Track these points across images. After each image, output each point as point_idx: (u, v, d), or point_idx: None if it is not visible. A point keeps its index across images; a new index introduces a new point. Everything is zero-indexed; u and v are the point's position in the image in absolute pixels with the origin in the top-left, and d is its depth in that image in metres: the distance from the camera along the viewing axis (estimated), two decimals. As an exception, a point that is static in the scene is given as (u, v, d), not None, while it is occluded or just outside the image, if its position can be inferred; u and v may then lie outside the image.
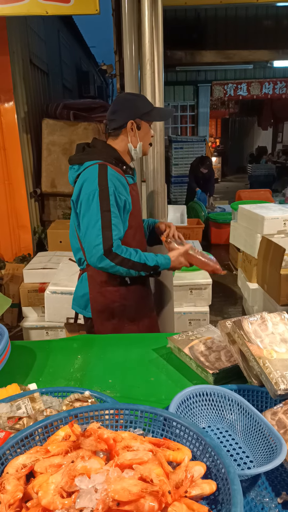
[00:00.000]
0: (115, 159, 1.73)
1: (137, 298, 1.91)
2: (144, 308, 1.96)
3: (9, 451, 0.85)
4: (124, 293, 1.86)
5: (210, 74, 9.85)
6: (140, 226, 1.91)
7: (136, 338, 1.70)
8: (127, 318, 1.89)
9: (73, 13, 3.10)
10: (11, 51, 4.37)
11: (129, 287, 1.86)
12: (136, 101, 1.75)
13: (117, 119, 1.73)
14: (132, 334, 1.77)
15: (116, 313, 1.87)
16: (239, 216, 3.68)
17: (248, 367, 1.21)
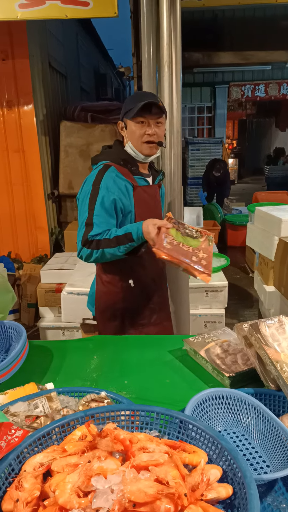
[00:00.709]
0: (123, 160, 1.72)
1: (141, 303, 1.88)
2: (149, 315, 1.92)
3: (27, 449, 0.86)
4: (126, 296, 1.84)
5: (227, 75, 9.79)
6: None
7: (152, 339, 1.70)
8: (129, 322, 1.87)
9: (92, 16, 3.13)
10: (30, 54, 4.43)
11: (133, 290, 1.83)
12: (126, 101, 1.74)
13: None
14: (148, 335, 1.78)
15: (118, 315, 1.87)
16: (256, 218, 3.64)
17: (265, 371, 1.20)
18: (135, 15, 5.58)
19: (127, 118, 1.68)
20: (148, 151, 1.71)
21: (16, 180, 4.77)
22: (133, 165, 1.74)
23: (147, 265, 1.83)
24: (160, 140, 1.70)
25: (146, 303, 1.90)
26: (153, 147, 1.70)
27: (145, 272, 1.85)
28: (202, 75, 9.67)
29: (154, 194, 1.83)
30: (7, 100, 4.52)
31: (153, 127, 1.66)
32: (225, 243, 6.55)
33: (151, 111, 1.63)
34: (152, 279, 1.89)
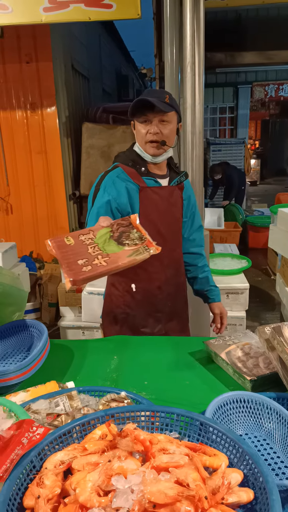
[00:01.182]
0: (132, 161, 1.68)
1: (143, 311, 1.80)
2: (153, 324, 1.83)
3: (48, 447, 0.87)
4: (128, 301, 1.79)
5: (250, 75, 9.69)
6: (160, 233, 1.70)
7: (172, 341, 1.69)
8: (129, 328, 1.81)
9: (115, 18, 3.14)
10: (54, 57, 4.49)
11: (135, 296, 1.77)
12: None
13: None
14: (168, 336, 1.77)
15: (119, 319, 1.82)
16: (279, 220, 3.58)
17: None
18: (158, 16, 5.58)
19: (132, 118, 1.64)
20: (151, 151, 1.63)
21: (38, 181, 4.84)
22: (142, 165, 1.67)
23: (152, 270, 1.74)
24: (164, 139, 1.60)
25: (149, 311, 1.81)
26: (156, 147, 1.61)
27: (149, 278, 1.76)
28: (224, 75, 9.59)
29: (167, 196, 1.72)
30: (30, 102, 4.60)
31: (157, 125, 1.58)
32: (246, 245, 6.47)
33: (153, 108, 1.54)
34: (158, 287, 1.78)
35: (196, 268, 1.94)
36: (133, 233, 1.30)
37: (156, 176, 1.70)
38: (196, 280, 1.95)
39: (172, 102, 1.60)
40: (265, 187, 13.41)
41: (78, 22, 4.83)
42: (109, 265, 1.20)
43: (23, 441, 0.84)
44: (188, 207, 1.84)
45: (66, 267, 1.18)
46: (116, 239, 1.28)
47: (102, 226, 1.33)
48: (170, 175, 1.76)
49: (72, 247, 1.25)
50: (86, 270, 1.17)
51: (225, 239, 5.73)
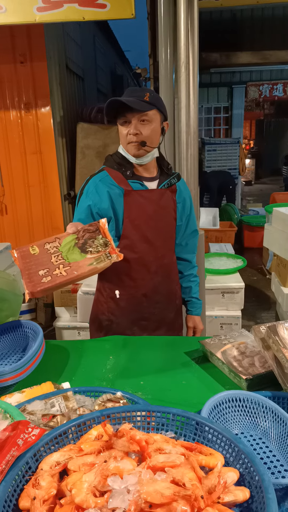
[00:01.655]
0: (117, 164, 1.63)
1: (127, 319, 1.75)
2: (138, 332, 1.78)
3: (44, 448, 0.86)
4: (112, 308, 1.75)
5: (245, 75, 9.71)
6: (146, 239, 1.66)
7: (168, 340, 1.69)
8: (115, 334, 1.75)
9: (109, 18, 3.14)
10: (48, 57, 4.48)
11: (119, 303, 1.73)
12: None
13: None
14: (164, 336, 1.77)
15: (104, 326, 1.79)
16: (274, 219, 3.60)
17: (283, 374, 1.18)
18: (152, 16, 5.59)
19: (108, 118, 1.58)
20: (132, 151, 1.57)
21: (33, 182, 4.83)
22: (127, 168, 1.62)
23: (137, 277, 1.69)
24: (144, 139, 1.54)
25: (134, 319, 1.76)
26: (137, 147, 1.56)
27: (134, 285, 1.70)
28: (219, 75, 9.62)
29: (155, 199, 1.65)
30: (25, 102, 4.58)
31: (136, 125, 1.52)
32: (242, 244, 6.49)
33: (132, 108, 1.48)
34: (143, 294, 1.72)
35: (181, 276, 1.89)
36: (98, 239, 1.28)
37: (142, 179, 1.64)
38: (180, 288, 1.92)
39: (154, 100, 1.53)
40: (260, 187, 13.46)
41: (72, 22, 4.83)
42: (69, 275, 1.18)
43: (18, 442, 0.84)
44: (183, 211, 1.76)
45: (27, 278, 1.17)
46: (80, 246, 1.26)
47: (68, 233, 1.31)
48: (160, 178, 1.70)
49: (36, 257, 1.24)
50: (45, 281, 1.16)
51: (221, 238, 5.75)
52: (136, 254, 1.66)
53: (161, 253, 1.72)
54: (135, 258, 1.66)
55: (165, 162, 1.73)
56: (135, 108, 1.48)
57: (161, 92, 2.59)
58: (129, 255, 1.65)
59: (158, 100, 1.57)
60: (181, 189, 1.75)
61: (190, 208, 1.82)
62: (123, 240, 1.64)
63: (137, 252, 1.66)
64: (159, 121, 1.58)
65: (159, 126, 1.59)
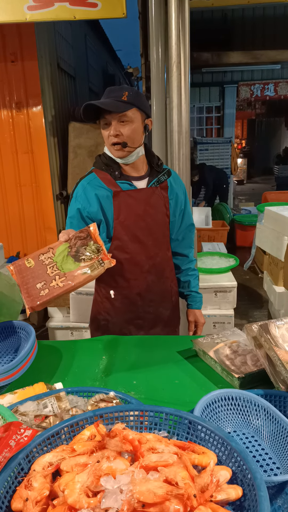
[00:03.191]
0: (105, 165, 1.62)
1: (123, 318, 1.76)
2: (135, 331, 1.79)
3: (36, 448, 0.86)
4: (107, 308, 1.77)
5: (236, 75, 9.75)
6: (137, 239, 1.66)
7: (160, 340, 1.69)
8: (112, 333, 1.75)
9: (101, 17, 3.13)
10: (39, 56, 4.45)
11: (114, 304, 1.74)
12: None
13: None
14: (157, 336, 1.77)
15: (101, 326, 1.80)
16: (266, 218, 3.62)
17: (275, 372, 1.19)
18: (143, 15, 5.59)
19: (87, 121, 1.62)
20: (116, 153, 1.57)
21: (25, 181, 4.80)
22: (115, 169, 1.61)
23: (130, 277, 1.70)
24: (125, 140, 1.52)
25: (129, 318, 1.77)
26: (120, 149, 1.55)
27: (127, 285, 1.71)
28: (210, 75, 9.64)
29: (145, 198, 1.64)
30: (16, 101, 4.55)
31: (116, 126, 1.50)
32: (234, 243, 6.52)
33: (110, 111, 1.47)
34: (137, 294, 1.73)
35: (179, 271, 1.90)
36: (90, 246, 1.29)
37: (131, 179, 1.63)
38: (179, 283, 1.92)
39: (132, 99, 1.50)
40: (252, 186, 13.53)
41: (63, 21, 4.81)
42: (65, 286, 1.19)
43: (10, 444, 0.83)
44: (176, 206, 1.74)
45: (25, 293, 1.19)
46: (73, 255, 1.27)
47: (61, 241, 1.31)
48: (150, 175, 1.68)
49: (32, 270, 1.24)
50: (43, 294, 1.18)
51: (213, 238, 5.77)
52: (128, 254, 1.67)
53: (154, 251, 1.72)
54: (127, 258, 1.67)
55: (154, 159, 1.70)
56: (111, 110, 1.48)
57: (152, 91, 2.59)
58: (121, 256, 1.65)
59: (138, 98, 1.53)
60: (173, 185, 1.73)
61: (185, 202, 1.80)
62: (115, 241, 1.65)
63: (128, 253, 1.67)
64: (140, 120, 1.56)
65: (140, 124, 1.56)
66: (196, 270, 1.94)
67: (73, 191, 1.67)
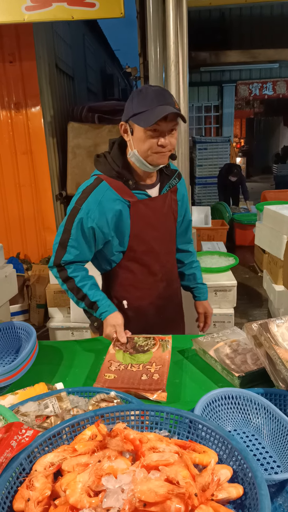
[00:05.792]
0: (117, 173, 1.50)
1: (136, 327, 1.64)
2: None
3: (37, 449, 0.86)
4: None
5: (234, 74, 9.76)
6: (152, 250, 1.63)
7: (160, 339, 1.69)
8: None
9: (99, 17, 3.13)
10: (37, 56, 4.46)
11: (127, 313, 1.67)
12: (131, 99, 1.43)
13: None
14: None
15: None
16: (265, 217, 3.62)
17: (275, 371, 1.19)
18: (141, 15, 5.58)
19: (136, 124, 1.40)
20: (160, 160, 1.45)
21: (24, 182, 4.81)
22: (128, 177, 1.50)
23: (144, 287, 1.68)
24: (172, 151, 1.47)
25: (142, 327, 1.69)
26: (165, 156, 1.46)
27: (141, 296, 1.69)
28: (209, 74, 9.65)
29: (159, 207, 1.60)
30: (14, 102, 4.56)
31: (167, 136, 1.41)
32: (233, 242, 6.52)
33: (166, 118, 1.36)
34: (149, 303, 1.71)
35: (182, 265, 1.90)
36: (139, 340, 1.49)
37: (145, 188, 1.56)
38: (184, 277, 1.91)
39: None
40: (251, 185, 13.49)
41: (61, 21, 4.81)
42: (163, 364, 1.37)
43: (12, 444, 0.83)
44: (182, 206, 1.73)
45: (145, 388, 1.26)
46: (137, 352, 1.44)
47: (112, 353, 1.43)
48: (161, 181, 1.62)
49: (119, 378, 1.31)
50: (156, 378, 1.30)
51: (213, 237, 5.77)
52: (142, 265, 1.64)
53: (165, 259, 1.71)
54: (141, 269, 1.64)
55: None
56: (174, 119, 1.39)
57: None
58: (134, 267, 1.63)
59: None
60: (180, 186, 1.71)
61: (187, 201, 1.80)
62: (129, 253, 1.60)
63: (143, 264, 1.64)
64: None
65: None
66: (198, 262, 1.95)
67: (81, 201, 1.51)
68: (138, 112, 1.38)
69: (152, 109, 1.35)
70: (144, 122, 1.37)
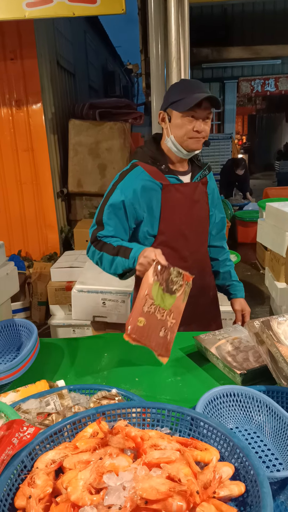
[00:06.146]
0: (151, 158, 1.60)
1: None
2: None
3: (39, 446, 0.86)
4: None
5: (236, 70, 9.71)
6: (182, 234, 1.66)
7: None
8: None
9: (100, 14, 3.11)
10: (38, 53, 4.44)
11: None
12: (170, 89, 1.59)
13: None
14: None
15: None
16: (267, 214, 3.61)
17: (277, 368, 1.19)
18: (142, 11, 5.56)
19: (175, 110, 1.51)
20: (195, 145, 1.56)
21: (25, 179, 4.80)
22: (162, 163, 1.60)
23: None
24: (205, 138, 1.57)
25: None
26: (200, 142, 1.56)
27: None
28: (211, 71, 9.60)
29: (190, 193, 1.66)
30: (16, 99, 4.54)
31: (202, 123, 1.53)
32: (235, 240, 6.51)
33: (201, 105, 1.48)
34: None
35: (217, 262, 1.89)
36: (173, 273, 1.38)
37: (177, 173, 1.64)
38: (218, 275, 1.91)
39: None
40: (253, 182, 13.43)
41: (62, 18, 4.80)
42: (177, 319, 1.33)
43: (13, 441, 0.83)
44: (213, 201, 1.77)
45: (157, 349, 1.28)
46: (167, 290, 1.37)
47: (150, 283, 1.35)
48: (192, 170, 1.70)
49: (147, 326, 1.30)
50: (169, 338, 1.30)
51: (214, 234, 5.74)
52: (172, 249, 1.65)
53: (196, 247, 1.73)
54: (171, 254, 1.64)
55: (196, 155, 1.72)
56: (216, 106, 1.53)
57: (152, 87, 2.58)
58: (166, 251, 1.60)
59: None
60: (210, 180, 1.76)
61: (218, 197, 1.83)
62: (160, 236, 1.64)
63: (173, 248, 1.65)
64: None
65: None
66: (231, 260, 1.95)
67: (116, 182, 1.60)
68: (176, 100, 1.51)
69: (189, 95, 1.48)
70: (183, 106, 1.48)
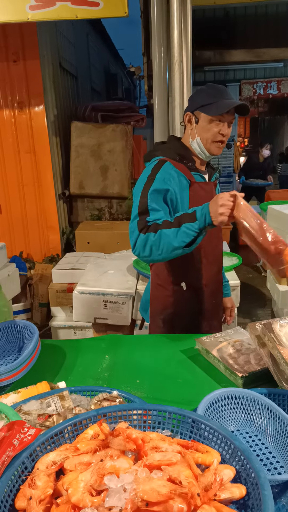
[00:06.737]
0: (179, 155, 1.65)
1: (192, 309, 1.79)
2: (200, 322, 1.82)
3: (40, 447, 0.86)
4: (178, 300, 1.77)
5: (239, 73, 9.72)
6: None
7: (163, 339, 1.69)
8: (179, 328, 1.79)
9: (102, 16, 3.13)
10: (41, 55, 4.46)
11: (184, 294, 1.75)
12: (199, 93, 1.64)
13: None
14: (160, 334, 1.77)
15: (168, 320, 1.81)
16: (269, 217, 3.61)
17: (279, 371, 1.19)
18: (145, 14, 5.57)
19: (204, 113, 1.57)
20: (216, 150, 1.64)
21: (27, 181, 4.81)
22: (189, 160, 1.67)
23: (201, 267, 1.75)
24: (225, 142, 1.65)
25: (197, 310, 1.81)
26: (221, 148, 1.65)
27: (198, 276, 1.76)
28: (213, 73, 9.61)
29: (211, 191, 1.74)
30: (18, 101, 4.56)
31: (227, 127, 1.61)
32: (237, 242, 6.50)
33: (229, 110, 1.56)
34: (205, 285, 1.79)
35: None
36: None
37: (201, 172, 1.71)
38: None
39: None
40: (254, 184, 13.46)
41: (65, 21, 4.81)
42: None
43: (14, 443, 0.83)
44: None
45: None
46: None
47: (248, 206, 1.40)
48: (209, 171, 1.78)
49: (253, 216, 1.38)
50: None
51: (216, 236, 5.73)
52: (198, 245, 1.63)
53: (215, 243, 1.80)
54: (197, 249, 1.65)
55: None
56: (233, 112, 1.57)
57: (154, 90, 2.59)
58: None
59: None
60: (218, 184, 1.86)
61: None
62: None
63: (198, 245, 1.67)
64: None
65: None
66: None
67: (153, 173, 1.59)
68: (207, 103, 1.57)
69: (221, 101, 1.55)
70: (215, 110, 1.55)
